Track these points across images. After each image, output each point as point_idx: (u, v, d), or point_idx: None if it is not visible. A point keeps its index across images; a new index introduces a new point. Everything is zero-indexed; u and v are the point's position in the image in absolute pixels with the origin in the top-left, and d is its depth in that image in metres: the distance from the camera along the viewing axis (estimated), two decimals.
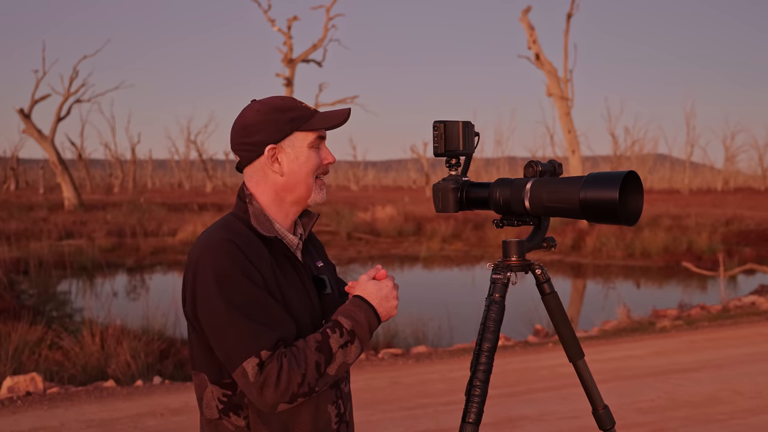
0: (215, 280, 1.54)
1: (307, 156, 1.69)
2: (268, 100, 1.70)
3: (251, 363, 1.49)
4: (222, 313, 1.53)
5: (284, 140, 1.68)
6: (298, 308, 1.65)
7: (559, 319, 1.95)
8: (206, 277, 1.56)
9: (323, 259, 1.88)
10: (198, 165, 72.16)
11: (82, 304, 11.72)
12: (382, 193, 49.88)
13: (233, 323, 1.52)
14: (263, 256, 1.62)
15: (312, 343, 1.56)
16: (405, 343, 7.98)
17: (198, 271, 1.57)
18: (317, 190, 1.73)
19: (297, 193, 1.70)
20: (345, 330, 1.60)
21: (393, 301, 1.70)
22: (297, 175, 1.69)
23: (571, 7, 24.28)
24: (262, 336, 1.51)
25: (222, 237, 1.60)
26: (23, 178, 65.00)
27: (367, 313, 1.65)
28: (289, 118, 1.67)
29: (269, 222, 1.70)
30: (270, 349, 1.50)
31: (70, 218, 23.92)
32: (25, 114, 30.18)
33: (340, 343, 1.59)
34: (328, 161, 1.73)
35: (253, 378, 1.49)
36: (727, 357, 6.42)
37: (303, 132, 1.68)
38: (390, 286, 1.70)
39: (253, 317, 1.53)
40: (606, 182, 1.65)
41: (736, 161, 69.98)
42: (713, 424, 4.61)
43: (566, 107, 23.25)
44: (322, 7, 30.90)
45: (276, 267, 1.65)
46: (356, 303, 1.66)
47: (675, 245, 17.24)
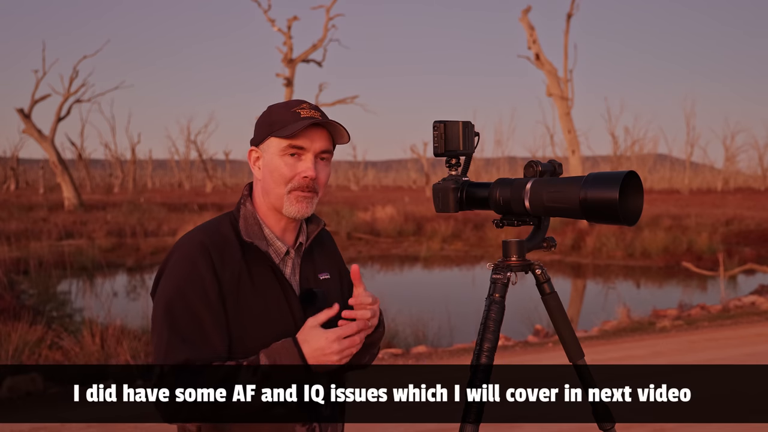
0: (168, 284, 1.59)
1: (276, 164, 1.64)
2: (280, 103, 1.71)
3: (157, 369, 1.54)
4: (158, 315, 1.58)
5: (263, 144, 1.67)
6: (266, 317, 1.62)
7: (559, 319, 1.95)
8: (165, 278, 1.61)
9: (331, 271, 1.82)
10: (198, 165, 72.13)
11: (82, 304, 11.72)
12: (382, 193, 49.87)
13: (160, 329, 1.56)
14: (235, 262, 1.62)
15: (220, 374, 1.51)
16: (405, 343, 7.98)
17: (165, 267, 1.63)
18: (291, 203, 1.64)
19: (271, 200, 1.67)
20: (260, 370, 1.52)
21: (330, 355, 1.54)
22: (267, 182, 1.66)
23: (571, 7, 24.28)
24: (175, 351, 1.53)
25: (198, 240, 1.62)
26: (23, 178, 64.99)
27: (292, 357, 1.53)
28: (270, 121, 1.65)
29: (258, 226, 1.68)
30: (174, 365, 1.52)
31: (70, 218, 23.90)
32: (25, 114, 30.17)
33: (249, 381, 1.50)
34: (303, 175, 1.63)
35: (154, 382, 1.53)
36: (727, 357, 6.42)
37: (276, 138, 1.63)
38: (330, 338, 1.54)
39: (178, 331, 1.55)
40: (606, 182, 1.65)
41: (736, 161, 70.01)
42: (713, 424, 4.61)
43: (566, 107, 23.25)
44: (322, 7, 30.91)
45: (246, 274, 1.62)
46: (286, 344, 1.55)
47: (675, 245, 17.23)
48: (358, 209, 25.63)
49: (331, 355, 1.54)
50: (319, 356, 1.54)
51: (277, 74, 30.14)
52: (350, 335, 1.57)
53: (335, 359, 1.55)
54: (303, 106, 1.66)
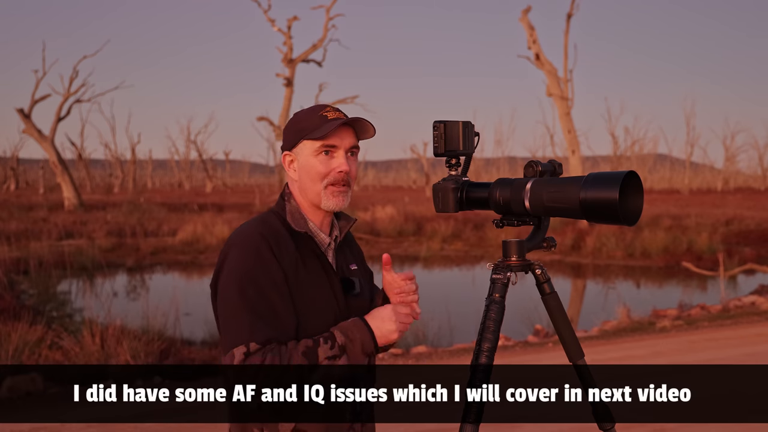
0: (236, 271, 1.69)
1: (311, 164, 1.79)
2: (302, 110, 1.84)
3: (240, 350, 1.62)
4: (232, 302, 1.68)
5: (295, 147, 1.82)
6: (318, 304, 1.76)
7: (559, 319, 1.95)
8: (230, 266, 1.71)
9: (358, 264, 1.96)
10: (198, 165, 72.13)
11: (82, 304, 11.72)
12: (382, 193, 49.85)
13: (237, 314, 1.66)
14: (290, 252, 1.75)
15: (301, 348, 1.65)
16: (405, 343, 7.97)
17: (226, 258, 1.73)
18: (328, 197, 1.79)
19: (309, 197, 1.82)
20: (337, 344, 1.68)
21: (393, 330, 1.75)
22: (304, 181, 1.81)
23: (571, 7, 24.28)
24: (258, 330, 1.64)
25: (255, 231, 1.74)
26: (23, 178, 64.97)
27: (362, 334, 1.72)
28: (299, 127, 1.80)
29: (303, 219, 1.82)
30: (260, 343, 1.63)
31: (70, 218, 23.90)
32: (25, 114, 30.17)
33: (328, 355, 1.66)
34: (339, 170, 1.79)
35: (237, 362, 1.62)
36: (727, 357, 6.42)
37: (309, 140, 1.79)
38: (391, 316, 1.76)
39: (256, 312, 1.65)
40: (606, 182, 1.65)
41: (736, 161, 69.98)
42: (713, 424, 4.61)
43: (566, 107, 23.25)
44: (322, 7, 30.92)
45: (302, 263, 1.76)
46: (356, 322, 1.74)
47: (675, 245, 17.22)
48: (358, 209, 25.62)
49: (393, 333, 1.75)
50: (387, 335, 1.74)
51: (277, 74, 30.17)
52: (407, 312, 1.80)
53: (395, 337, 1.76)
54: (327, 109, 1.81)
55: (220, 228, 19.27)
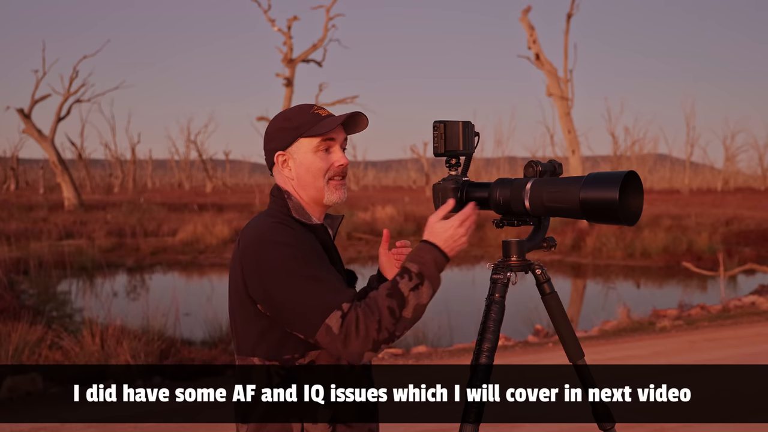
0: (283, 253, 1.67)
1: (311, 160, 1.80)
2: (286, 110, 1.84)
3: (335, 317, 1.60)
4: (297, 280, 1.64)
5: (291, 146, 1.81)
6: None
7: (559, 319, 1.95)
8: (273, 253, 1.67)
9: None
10: (198, 165, 72.15)
11: (82, 304, 11.72)
12: (382, 193, 49.84)
13: (309, 287, 1.64)
14: (312, 239, 1.75)
15: (383, 291, 1.65)
16: (405, 343, 7.97)
17: (260, 251, 1.69)
18: (331, 191, 1.82)
19: (310, 194, 1.83)
20: (413, 273, 1.67)
21: (460, 237, 1.73)
22: (304, 178, 1.81)
23: (571, 7, 24.28)
24: (341, 291, 1.63)
25: (273, 221, 1.75)
26: (23, 178, 65.02)
27: (432, 253, 1.70)
28: (294, 126, 1.80)
29: (308, 215, 1.83)
30: (349, 301, 1.62)
31: (70, 218, 23.90)
32: (25, 114, 30.17)
33: (410, 287, 1.65)
34: (339, 164, 1.81)
35: (337, 331, 1.59)
36: (726, 357, 6.42)
37: (307, 138, 1.79)
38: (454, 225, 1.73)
39: (326, 279, 1.65)
40: (606, 182, 1.65)
41: (736, 161, 69.97)
42: (713, 424, 4.61)
43: (566, 107, 23.25)
44: (322, 7, 30.90)
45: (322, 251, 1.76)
46: (421, 246, 1.73)
47: (675, 245, 17.22)
48: (358, 209, 25.63)
49: (461, 238, 1.73)
50: (451, 243, 1.73)
51: (277, 74, 30.15)
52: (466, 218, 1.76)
53: (464, 240, 1.74)
54: (315, 107, 1.82)
55: (220, 228, 19.27)
